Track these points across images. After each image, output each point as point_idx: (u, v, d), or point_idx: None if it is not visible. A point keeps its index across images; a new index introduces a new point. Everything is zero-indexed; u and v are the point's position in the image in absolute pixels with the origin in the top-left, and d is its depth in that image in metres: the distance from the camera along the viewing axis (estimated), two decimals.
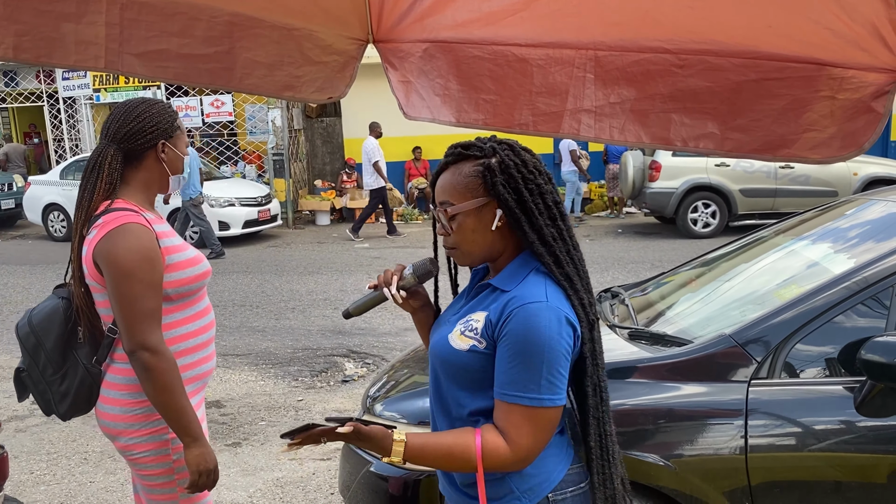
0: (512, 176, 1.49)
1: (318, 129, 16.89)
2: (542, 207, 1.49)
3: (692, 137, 1.15)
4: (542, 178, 1.51)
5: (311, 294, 8.81)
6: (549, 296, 1.44)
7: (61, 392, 2.13)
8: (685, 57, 1.14)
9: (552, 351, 1.41)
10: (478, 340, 1.48)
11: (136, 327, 1.98)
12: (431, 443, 1.50)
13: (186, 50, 1.32)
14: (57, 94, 16.40)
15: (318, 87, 1.41)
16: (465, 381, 1.53)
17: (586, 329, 1.47)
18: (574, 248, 1.52)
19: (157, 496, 2.17)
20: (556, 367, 1.42)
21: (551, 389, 1.42)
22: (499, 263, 1.59)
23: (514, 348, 1.42)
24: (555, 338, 1.41)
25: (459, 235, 1.55)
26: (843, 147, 1.06)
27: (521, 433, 1.43)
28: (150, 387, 2.00)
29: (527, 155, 1.52)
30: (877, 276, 2.44)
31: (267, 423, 5.02)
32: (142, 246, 2.00)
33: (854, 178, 11.83)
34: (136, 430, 2.11)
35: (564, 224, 1.51)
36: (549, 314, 1.42)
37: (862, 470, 2.36)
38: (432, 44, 1.33)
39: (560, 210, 1.51)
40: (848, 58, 1.05)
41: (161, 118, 2.12)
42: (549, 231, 1.49)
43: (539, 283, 1.47)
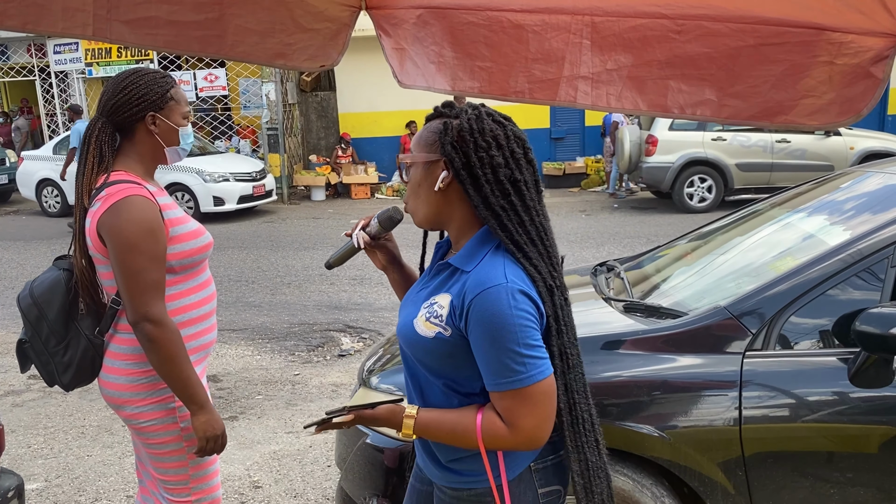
0: (464, 139, 1.47)
1: (312, 103, 16.77)
2: (490, 178, 1.46)
3: (689, 104, 1.14)
4: (498, 150, 1.47)
5: (306, 269, 8.81)
6: (507, 273, 1.43)
7: (64, 363, 2.15)
8: (682, 22, 1.12)
9: (521, 328, 1.40)
10: (443, 328, 1.48)
11: (140, 299, 2.00)
12: (437, 419, 1.52)
13: (176, 17, 1.30)
14: (49, 69, 16.23)
15: (310, 55, 1.39)
16: (434, 362, 1.53)
17: (546, 295, 1.46)
18: (530, 222, 1.48)
19: (167, 464, 2.20)
20: (529, 341, 1.41)
21: (534, 364, 1.41)
22: (456, 238, 1.58)
23: (485, 340, 1.42)
24: (518, 314, 1.40)
25: (410, 189, 1.58)
26: (842, 113, 1.05)
27: (520, 415, 1.43)
28: (154, 357, 2.03)
29: (491, 124, 1.49)
30: (872, 248, 2.44)
31: (264, 397, 5.03)
32: (145, 218, 2.01)
33: (850, 152, 11.81)
34: (141, 398, 2.14)
35: (520, 200, 1.47)
36: (505, 294, 1.40)
37: (854, 440, 2.37)
38: (426, 10, 1.31)
39: (517, 187, 1.48)
40: (847, 22, 1.03)
41: (149, 89, 2.09)
42: (497, 202, 1.46)
43: (497, 261, 1.46)
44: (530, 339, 1.41)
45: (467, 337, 1.45)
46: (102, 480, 3.89)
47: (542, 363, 1.43)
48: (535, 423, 1.43)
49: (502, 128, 1.49)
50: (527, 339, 1.40)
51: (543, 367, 1.43)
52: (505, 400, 1.43)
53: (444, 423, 1.51)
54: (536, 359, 1.42)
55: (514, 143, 1.49)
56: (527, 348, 1.40)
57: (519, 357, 1.40)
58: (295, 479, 3.86)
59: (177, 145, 2.19)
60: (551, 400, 1.45)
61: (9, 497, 2.40)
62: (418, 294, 1.62)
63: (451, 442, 1.53)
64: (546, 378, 1.43)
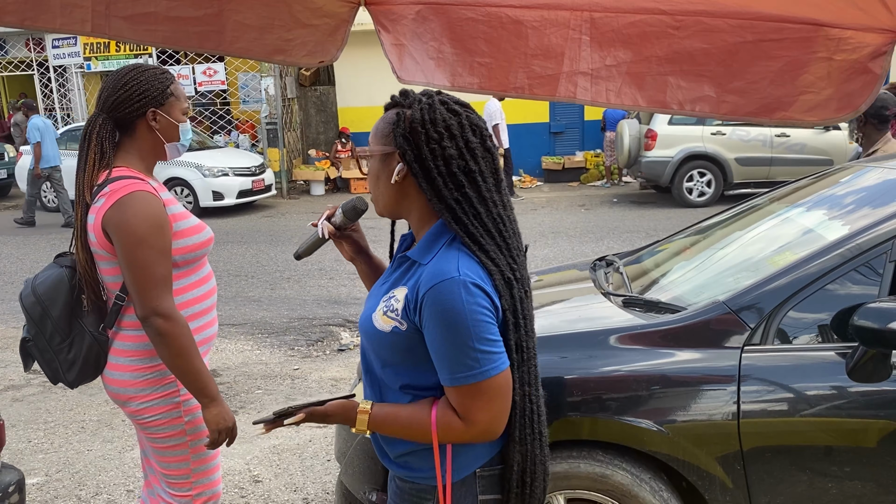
0: (415, 131, 1.43)
1: (311, 97, 16.74)
2: (443, 170, 1.42)
3: (688, 100, 1.14)
4: (451, 140, 1.42)
5: (305, 264, 8.80)
6: (459, 266, 1.39)
7: (69, 360, 2.16)
8: (681, 18, 1.12)
9: (475, 322, 1.37)
10: (399, 322, 1.45)
11: (149, 293, 2.01)
12: (392, 414, 1.50)
13: (175, 13, 1.30)
14: (47, 63, 16.20)
15: (308, 51, 1.38)
16: (392, 357, 1.51)
17: (503, 289, 1.42)
18: (486, 213, 1.44)
19: (169, 458, 2.22)
20: (483, 335, 1.38)
21: (488, 359, 1.39)
22: (416, 230, 1.55)
23: (438, 334, 1.39)
24: (472, 308, 1.37)
25: (369, 180, 1.56)
26: (840, 109, 1.05)
27: (474, 409, 1.41)
28: (165, 351, 2.05)
29: (445, 113, 1.44)
30: (870, 243, 2.44)
31: (263, 391, 5.04)
32: (151, 213, 2.03)
33: (850, 146, 11.78)
34: (146, 394, 2.15)
35: (475, 191, 1.43)
36: (458, 287, 1.37)
37: (852, 434, 2.38)
38: (425, 6, 1.31)
39: (471, 178, 1.43)
40: (845, 18, 1.03)
41: (150, 85, 2.09)
42: (451, 194, 1.42)
43: (452, 254, 1.42)
44: (485, 334, 1.38)
45: (422, 331, 1.43)
46: (103, 475, 3.90)
47: (498, 357, 1.40)
48: (490, 416, 1.42)
49: (456, 117, 1.45)
50: (482, 333, 1.38)
51: (499, 361, 1.40)
52: (460, 395, 1.41)
53: (398, 418, 1.49)
54: (492, 353, 1.39)
55: (469, 133, 1.44)
56: (482, 342, 1.38)
57: (473, 352, 1.37)
58: (295, 473, 3.87)
59: (177, 141, 2.20)
60: (507, 394, 1.43)
61: (10, 492, 2.41)
62: (381, 287, 1.60)
63: (405, 437, 1.51)
64: (501, 372, 1.41)
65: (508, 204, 1.50)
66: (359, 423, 1.50)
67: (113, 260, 2.07)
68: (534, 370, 1.52)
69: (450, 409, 1.43)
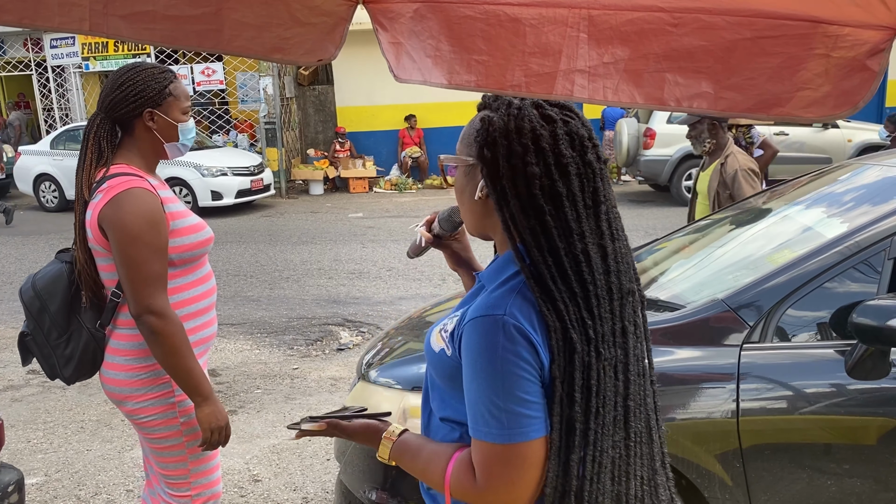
0: (496, 142, 1.21)
1: (310, 97, 16.73)
2: (521, 192, 1.18)
3: (686, 97, 1.14)
4: (537, 156, 1.18)
5: (305, 264, 8.81)
6: (510, 305, 1.16)
7: (66, 356, 2.16)
8: (679, 15, 1.12)
9: (505, 374, 1.14)
10: (447, 345, 1.27)
11: (143, 291, 2.00)
12: (414, 450, 1.33)
13: (173, 11, 1.30)
14: (45, 63, 16.18)
15: (307, 50, 1.38)
16: (438, 382, 1.34)
17: (560, 348, 1.15)
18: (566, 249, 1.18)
19: (167, 459, 2.21)
20: (514, 391, 1.14)
21: (514, 420, 1.14)
22: (500, 251, 1.33)
23: (467, 373, 1.19)
24: (506, 357, 1.14)
25: (455, 193, 1.36)
26: (838, 105, 1.05)
27: (491, 474, 1.17)
28: (158, 350, 2.04)
29: (535, 122, 1.20)
30: (869, 241, 2.44)
31: (262, 391, 5.04)
32: (147, 210, 2.01)
33: (848, 144, 11.81)
34: (141, 394, 2.14)
35: (559, 221, 1.18)
36: (497, 329, 1.14)
37: (851, 432, 2.38)
38: (423, 4, 1.31)
39: (556, 203, 1.18)
40: (844, 15, 1.04)
41: (146, 86, 2.10)
42: (526, 222, 1.18)
43: (512, 288, 1.19)
44: (517, 391, 1.14)
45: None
46: (102, 475, 3.90)
47: (530, 422, 1.15)
48: (508, 489, 1.17)
49: (550, 125, 1.20)
50: (512, 388, 1.14)
51: (529, 427, 1.15)
52: (478, 451, 1.19)
53: (419, 456, 1.31)
54: (521, 415, 1.14)
55: (563, 145, 1.19)
56: (510, 400, 1.14)
57: (496, 408, 1.15)
58: (294, 472, 3.87)
59: (176, 141, 2.19)
60: (534, 469, 1.16)
61: (9, 491, 2.41)
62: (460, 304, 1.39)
63: (423, 479, 1.33)
64: (530, 441, 1.15)
65: (610, 234, 1.23)
66: (381, 449, 1.36)
67: (109, 256, 2.07)
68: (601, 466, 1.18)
69: (469, 464, 1.21)
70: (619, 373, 1.20)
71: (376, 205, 13.39)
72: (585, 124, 1.24)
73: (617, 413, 1.20)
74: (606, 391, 1.18)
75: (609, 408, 1.19)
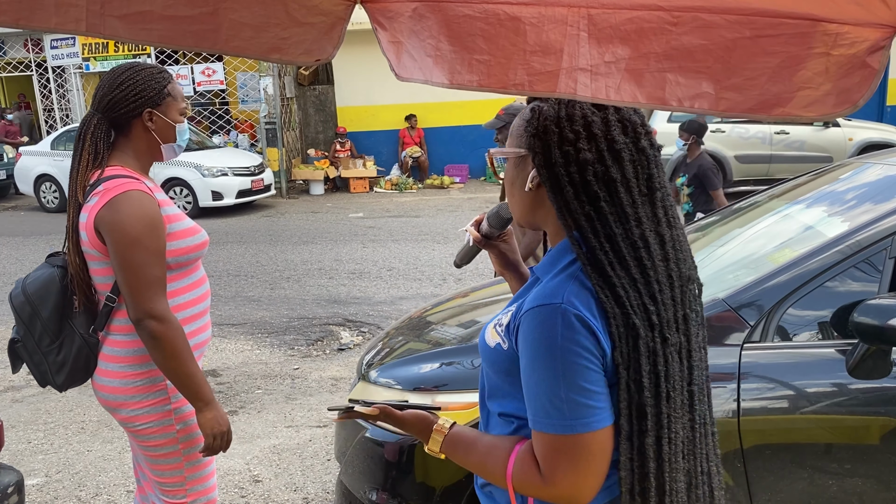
0: (547, 129, 1.21)
1: (310, 97, 16.74)
2: (576, 178, 1.18)
3: (687, 97, 1.13)
4: (589, 142, 1.18)
5: (305, 263, 8.81)
6: (567, 293, 1.15)
7: (58, 362, 2.11)
8: (678, 14, 1.11)
9: (567, 364, 1.12)
10: (502, 339, 1.26)
11: (143, 295, 1.96)
12: (469, 442, 1.30)
13: (170, 11, 1.29)
14: (46, 64, 16.19)
15: (305, 50, 1.37)
16: (496, 376, 1.32)
17: (622, 335, 1.14)
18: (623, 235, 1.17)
19: (163, 466, 2.16)
20: (576, 381, 1.12)
21: (576, 411, 1.13)
22: (552, 243, 1.31)
23: (526, 364, 1.18)
24: (567, 346, 1.12)
25: (506, 185, 1.36)
26: (838, 104, 1.05)
27: (556, 466, 1.15)
28: (159, 355, 2.00)
29: (586, 108, 1.20)
30: (869, 240, 2.44)
31: (263, 391, 5.04)
32: (146, 213, 1.98)
33: (849, 143, 11.80)
34: (136, 401, 2.10)
35: (614, 207, 1.18)
36: (555, 318, 1.13)
37: (853, 432, 2.38)
38: (421, 3, 1.30)
39: (611, 189, 1.18)
40: (843, 13, 1.03)
41: (146, 85, 2.06)
42: (581, 208, 1.18)
43: (569, 276, 1.18)
44: (580, 380, 1.13)
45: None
46: (103, 476, 3.90)
47: (593, 412, 1.13)
48: (574, 481, 1.15)
49: (602, 111, 1.21)
50: (575, 378, 1.12)
51: (593, 417, 1.13)
52: (541, 443, 1.17)
53: (475, 449, 1.28)
54: (585, 406, 1.13)
55: (616, 131, 1.20)
56: (573, 389, 1.12)
57: (559, 399, 1.13)
58: (295, 473, 3.87)
59: (173, 142, 2.16)
60: (599, 460, 1.15)
61: (9, 493, 2.41)
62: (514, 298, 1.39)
63: (479, 473, 1.30)
64: (594, 432, 1.14)
65: (666, 221, 1.22)
66: (432, 442, 1.32)
67: (104, 260, 2.03)
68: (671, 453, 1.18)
69: (531, 456, 1.19)
70: (683, 359, 1.21)
71: (377, 205, 13.38)
72: (638, 111, 1.24)
73: (683, 397, 1.21)
74: (674, 376, 1.18)
75: (678, 392, 1.19)
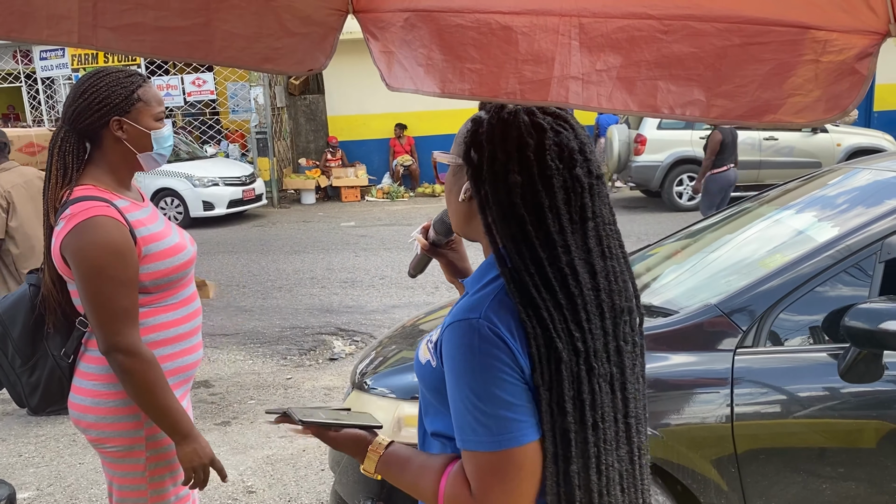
0: (481, 145, 1.18)
1: (301, 106, 16.74)
2: (502, 199, 1.15)
3: (679, 104, 1.14)
4: (520, 164, 1.14)
5: (297, 273, 8.79)
6: (486, 308, 1.13)
7: (31, 384, 2.02)
8: (669, 22, 1.12)
9: (485, 377, 1.09)
10: (432, 356, 1.23)
11: (108, 328, 1.84)
12: (402, 463, 1.28)
13: (163, 23, 1.29)
14: (35, 75, 16.14)
15: (297, 60, 1.38)
16: (426, 395, 1.29)
17: (542, 358, 1.10)
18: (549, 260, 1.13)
19: (127, 493, 2.03)
20: (497, 394, 1.09)
21: (502, 425, 1.09)
22: (485, 255, 1.27)
23: (450, 381, 1.14)
24: (483, 360, 1.09)
25: (445, 192, 1.32)
26: (828, 110, 1.05)
27: (486, 485, 1.11)
28: (130, 388, 1.88)
29: (525, 128, 1.17)
30: (860, 244, 2.46)
31: (256, 401, 5.02)
32: (111, 241, 1.83)
33: (837, 148, 11.88)
34: (108, 423, 1.97)
35: (540, 232, 1.14)
36: (472, 333, 1.11)
37: (846, 435, 2.39)
38: (413, 13, 1.31)
39: (538, 214, 1.14)
40: (831, 20, 1.04)
41: (110, 91, 1.91)
42: (505, 230, 1.15)
43: (493, 292, 1.15)
44: (501, 393, 1.09)
45: None
46: (94, 488, 3.87)
47: (518, 426, 1.10)
48: (505, 498, 1.11)
49: (539, 133, 1.16)
50: (494, 390, 1.09)
51: (518, 430, 1.10)
52: (469, 462, 1.13)
53: (408, 469, 1.25)
54: (509, 420, 1.09)
55: (550, 156, 1.15)
56: (493, 403, 1.09)
57: (483, 415, 1.09)
58: (289, 483, 3.85)
59: (150, 150, 1.99)
60: (530, 476, 1.12)
61: None
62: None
63: (413, 494, 1.25)
64: (522, 446, 1.10)
65: (599, 252, 1.18)
66: (367, 461, 1.31)
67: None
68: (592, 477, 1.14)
69: (462, 476, 1.15)
70: (616, 390, 1.17)
71: (368, 213, 13.38)
72: (579, 137, 1.20)
73: (618, 428, 1.18)
74: (604, 406, 1.14)
75: (609, 423, 1.15)
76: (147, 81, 2.01)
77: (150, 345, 1.94)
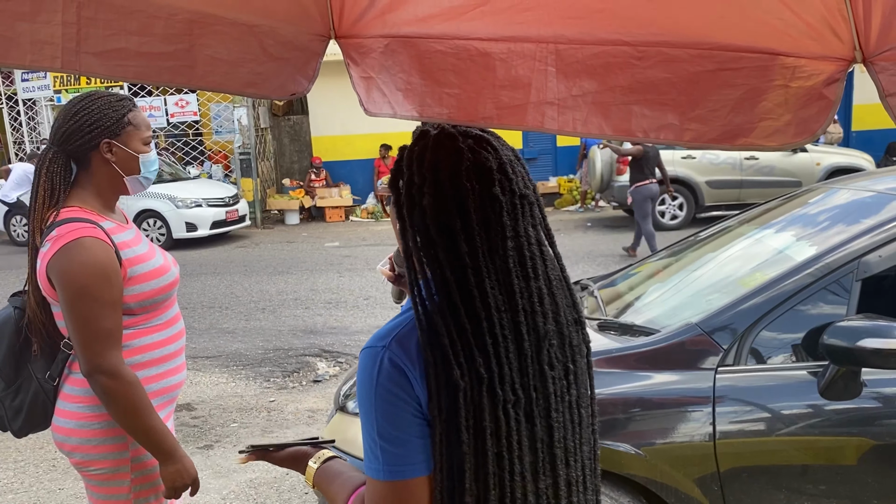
0: (399, 171, 1.17)
1: (285, 127, 16.76)
2: (415, 222, 1.12)
3: (653, 129, 1.16)
4: (432, 188, 1.11)
5: (281, 294, 8.75)
6: (395, 337, 1.11)
7: (14, 408, 2.01)
8: (643, 49, 1.15)
9: (377, 408, 1.08)
10: None
11: (92, 349, 1.85)
12: (331, 478, 1.29)
13: (146, 48, 1.30)
14: (16, 97, 16.07)
15: (280, 84, 1.39)
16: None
17: (440, 390, 1.06)
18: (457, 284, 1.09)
19: None
20: (386, 427, 1.07)
21: (391, 458, 1.07)
22: None
23: (359, 408, 1.14)
24: (378, 391, 1.08)
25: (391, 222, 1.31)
26: (798, 134, 1.09)
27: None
28: (112, 409, 1.89)
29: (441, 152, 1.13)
30: (838, 263, 2.49)
31: (239, 424, 4.98)
32: (97, 262, 1.85)
33: (817, 167, 12.04)
34: (92, 445, 1.97)
35: (450, 257, 1.10)
36: (374, 361, 1.09)
37: (827, 452, 2.41)
38: (394, 39, 1.33)
39: (449, 239, 1.10)
40: (800, 47, 1.07)
41: (102, 114, 1.94)
42: (418, 253, 1.12)
43: (407, 318, 1.14)
44: (392, 428, 1.08)
45: None
46: None
47: (404, 460, 1.08)
48: None
49: (455, 155, 1.13)
50: (386, 425, 1.08)
51: (405, 465, 1.08)
52: (368, 487, 1.13)
53: (331, 486, 1.27)
54: (395, 454, 1.07)
55: (463, 179, 1.11)
56: (384, 437, 1.08)
57: (374, 443, 1.09)
58: None
59: (137, 174, 2.02)
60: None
61: None
62: None
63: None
64: (405, 480, 1.08)
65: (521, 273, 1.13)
66: (307, 475, 1.33)
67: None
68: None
69: (362, 500, 1.16)
70: (536, 417, 1.12)
71: (353, 234, 13.38)
72: (499, 157, 1.14)
73: (539, 458, 1.12)
74: (511, 435, 1.09)
75: (524, 453, 1.10)
76: (136, 107, 2.05)
77: (134, 366, 1.95)
